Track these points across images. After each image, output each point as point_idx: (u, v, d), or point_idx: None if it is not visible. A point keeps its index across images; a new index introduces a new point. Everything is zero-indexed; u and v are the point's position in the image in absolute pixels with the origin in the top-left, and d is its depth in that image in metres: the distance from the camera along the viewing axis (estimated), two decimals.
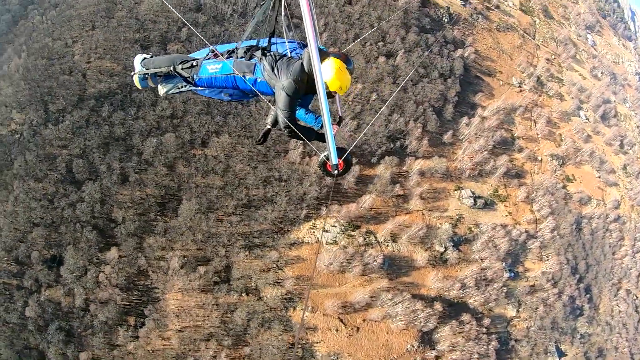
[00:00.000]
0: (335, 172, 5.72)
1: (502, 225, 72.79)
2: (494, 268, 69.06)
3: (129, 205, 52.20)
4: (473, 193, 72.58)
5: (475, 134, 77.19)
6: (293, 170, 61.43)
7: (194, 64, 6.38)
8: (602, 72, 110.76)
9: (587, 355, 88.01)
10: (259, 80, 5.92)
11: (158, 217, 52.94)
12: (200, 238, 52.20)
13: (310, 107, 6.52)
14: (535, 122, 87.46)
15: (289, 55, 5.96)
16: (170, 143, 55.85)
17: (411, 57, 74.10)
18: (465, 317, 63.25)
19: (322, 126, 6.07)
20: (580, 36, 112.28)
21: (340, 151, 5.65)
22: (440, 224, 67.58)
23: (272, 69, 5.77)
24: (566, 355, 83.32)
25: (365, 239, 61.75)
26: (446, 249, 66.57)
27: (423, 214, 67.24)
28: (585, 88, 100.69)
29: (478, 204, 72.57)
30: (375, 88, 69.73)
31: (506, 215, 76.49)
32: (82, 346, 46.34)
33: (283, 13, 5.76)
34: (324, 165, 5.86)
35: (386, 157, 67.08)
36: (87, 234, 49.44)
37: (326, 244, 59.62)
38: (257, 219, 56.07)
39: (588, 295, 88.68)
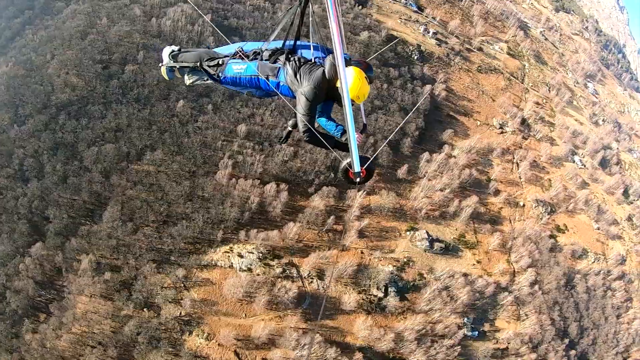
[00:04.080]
0: (358, 179, 5.13)
1: (463, 274, 58.01)
2: (446, 322, 53.95)
3: (62, 206, 50.25)
4: (429, 235, 58.92)
5: (440, 171, 64.36)
6: (217, 190, 53.39)
7: (220, 62, 6.04)
8: (603, 120, 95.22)
9: None
10: (281, 83, 5.66)
11: (86, 221, 50.32)
12: (114, 245, 48.33)
13: (331, 114, 5.92)
14: (517, 165, 73.23)
15: (312, 61, 5.65)
16: (110, 153, 53.29)
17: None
18: None
19: (342, 134, 5.50)
20: (577, 83, 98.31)
21: (362, 159, 5.06)
22: (382, 265, 54.20)
23: (295, 75, 5.50)
24: None
25: (284, 271, 50.11)
26: (386, 294, 52.78)
27: (362, 253, 54.42)
28: (580, 132, 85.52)
29: (435, 248, 58.65)
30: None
31: (474, 264, 61.63)
32: None
33: (311, 18, 5.47)
34: (346, 172, 5.22)
35: (324, 188, 55.82)
36: (22, 226, 48.74)
37: (239, 271, 49.27)
38: (172, 235, 49.63)
39: None
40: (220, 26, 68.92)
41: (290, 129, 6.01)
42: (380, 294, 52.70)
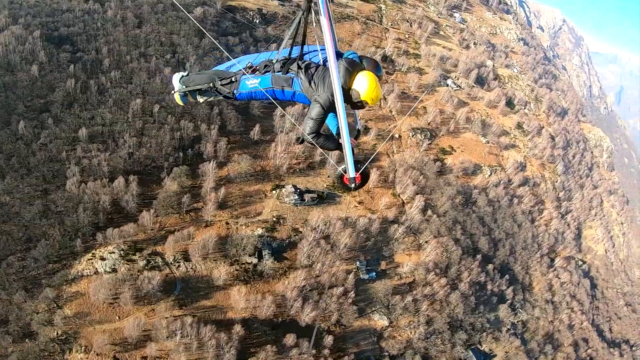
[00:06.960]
0: (353, 185, 4.98)
1: (342, 218, 54.97)
2: (332, 271, 50.62)
3: None
4: (297, 189, 55.69)
5: (299, 122, 61.33)
6: (69, 200, 49.89)
7: (233, 79, 5.84)
8: (475, 43, 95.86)
9: (529, 347, 66.09)
10: (297, 92, 5.49)
11: None
12: None
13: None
14: (385, 99, 71.43)
15: (323, 66, 5.39)
16: None
17: (205, 62, 60.44)
18: (289, 338, 44.50)
19: (339, 134, 5.44)
20: (441, 14, 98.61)
21: (357, 164, 4.96)
22: (250, 230, 50.37)
23: (309, 82, 5.35)
24: (495, 355, 61.88)
25: (149, 262, 46.05)
26: (261, 258, 48.96)
27: (227, 223, 50.43)
28: (449, 57, 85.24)
29: (307, 200, 55.48)
30: (158, 99, 55.88)
31: (355, 206, 58.92)
32: None
33: (315, 25, 5.23)
34: (341, 178, 5.06)
35: (175, 169, 51.87)
36: None
37: (105, 274, 45.34)
38: (36, 257, 46.28)
39: (507, 276, 68.03)
40: (51, 37, 64.03)
41: None
42: (254, 260, 48.88)
